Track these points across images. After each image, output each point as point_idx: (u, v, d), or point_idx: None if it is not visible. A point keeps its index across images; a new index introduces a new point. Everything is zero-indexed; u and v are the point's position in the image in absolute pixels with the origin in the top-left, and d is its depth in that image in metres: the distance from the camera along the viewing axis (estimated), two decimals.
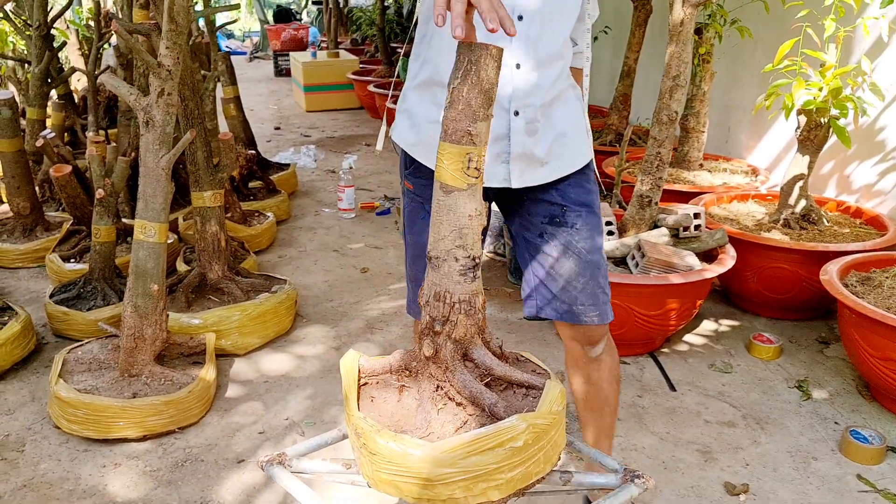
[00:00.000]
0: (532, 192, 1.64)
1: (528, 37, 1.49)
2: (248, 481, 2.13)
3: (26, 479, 2.12)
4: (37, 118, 4.27)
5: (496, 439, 0.98)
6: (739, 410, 2.49)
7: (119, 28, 2.26)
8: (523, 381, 1.09)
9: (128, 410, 2.24)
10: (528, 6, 1.48)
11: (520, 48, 1.49)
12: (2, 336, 2.56)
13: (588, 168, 1.68)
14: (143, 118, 2.29)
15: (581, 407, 1.83)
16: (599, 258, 1.65)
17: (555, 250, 1.63)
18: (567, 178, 1.63)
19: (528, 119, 1.53)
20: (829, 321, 3.09)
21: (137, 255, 2.35)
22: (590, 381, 1.77)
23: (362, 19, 10.42)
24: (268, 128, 6.98)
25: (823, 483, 2.14)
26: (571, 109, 1.63)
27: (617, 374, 1.79)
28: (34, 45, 4.16)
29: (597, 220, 1.66)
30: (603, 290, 1.66)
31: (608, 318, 1.67)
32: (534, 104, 1.52)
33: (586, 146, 1.68)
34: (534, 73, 1.51)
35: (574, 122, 1.64)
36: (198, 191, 2.89)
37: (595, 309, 1.65)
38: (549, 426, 1.02)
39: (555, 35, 1.52)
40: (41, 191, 4.00)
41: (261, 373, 2.72)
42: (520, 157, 1.56)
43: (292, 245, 4.01)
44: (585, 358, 1.74)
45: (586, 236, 1.63)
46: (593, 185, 1.69)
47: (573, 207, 1.63)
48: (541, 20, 1.48)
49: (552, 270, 1.64)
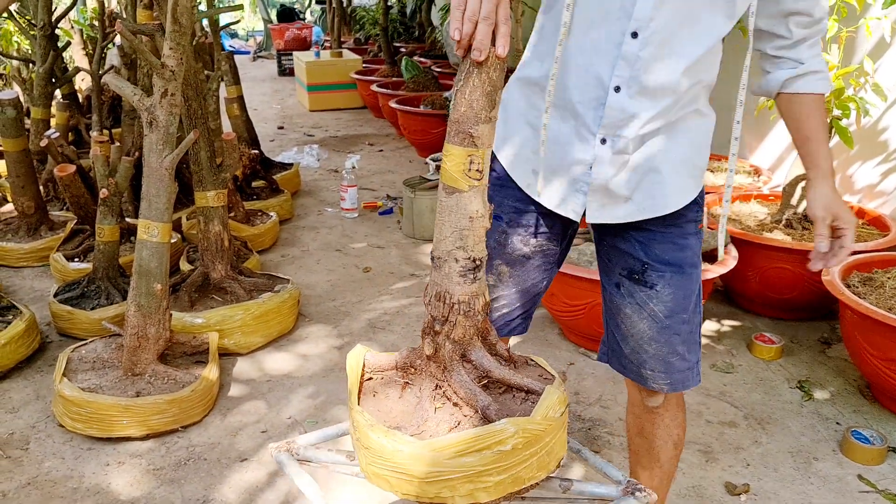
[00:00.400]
0: (612, 233, 1.46)
1: (639, 58, 1.26)
2: (251, 480, 2.14)
3: (30, 477, 2.13)
4: (41, 118, 4.28)
5: (483, 441, 0.98)
6: (741, 410, 2.50)
7: (123, 29, 2.27)
8: (523, 385, 1.09)
9: (131, 409, 2.25)
10: (648, 21, 1.24)
11: (624, 69, 1.28)
12: (6, 335, 2.58)
13: (687, 214, 1.43)
14: (147, 118, 2.30)
15: (632, 460, 1.72)
16: (681, 323, 1.45)
17: (628, 307, 1.46)
18: (654, 227, 1.42)
19: (616, 149, 1.33)
20: (831, 321, 3.10)
21: (141, 254, 2.36)
22: (642, 433, 1.63)
23: (365, 19, 10.43)
24: (271, 127, 6.99)
25: (824, 483, 2.14)
26: (682, 141, 1.37)
27: (677, 437, 1.61)
28: (38, 44, 4.17)
29: (686, 281, 1.43)
30: (682, 356, 1.47)
31: (684, 386, 1.50)
32: (626, 135, 1.32)
33: (689, 187, 1.41)
34: (634, 100, 1.29)
35: (679, 157, 1.38)
36: (201, 190, 2.90)
37: (666, 377, 1.48)
38: (543, 432, 1.01)
39: (677, 59, 1.27)
40: (45, 190, 4.01)
41: (263, 372, 2.73)
42: (600, 190, 1.38)
43: (295, 244, 4.02)
44: (642, 405, 1.60)
45: (667, 299, 1.43)
46: (691, 237, 1.44)
47: (656, 266, 1.42)
48: (660, 41, 1.26)
49: (623, 327, 1.49)
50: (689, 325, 1.47)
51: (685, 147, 1.38)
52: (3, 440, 2.29)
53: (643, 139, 1.34)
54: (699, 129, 1.40)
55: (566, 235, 1.53)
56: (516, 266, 1.50)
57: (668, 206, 1.39)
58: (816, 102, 1.43)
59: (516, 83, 1.46)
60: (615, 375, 2.68)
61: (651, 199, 1.38)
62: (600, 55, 1.29)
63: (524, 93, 1.43)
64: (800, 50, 1.40)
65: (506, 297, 1.53)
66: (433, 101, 5.78)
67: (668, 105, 1.31)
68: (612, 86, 1.29)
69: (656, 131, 1.34)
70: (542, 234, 1.48)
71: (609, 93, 1.29)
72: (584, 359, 2.81)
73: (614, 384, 2.64)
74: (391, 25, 8.11)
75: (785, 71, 1.42)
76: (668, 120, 1.33)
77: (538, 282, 1.54)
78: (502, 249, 1.49)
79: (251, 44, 13.79)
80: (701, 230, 1.48)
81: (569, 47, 1.32)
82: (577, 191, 1.39)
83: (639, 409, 1.62)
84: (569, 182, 1.39)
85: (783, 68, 1.43)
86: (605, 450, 2.28)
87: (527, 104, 1.42)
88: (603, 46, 1.28)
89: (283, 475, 2.16)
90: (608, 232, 1.47)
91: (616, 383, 2.64)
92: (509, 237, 1.48)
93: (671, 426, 1.60)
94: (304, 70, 7.79)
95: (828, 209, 1.43)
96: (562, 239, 1.52)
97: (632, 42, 1.26)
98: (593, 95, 1.31)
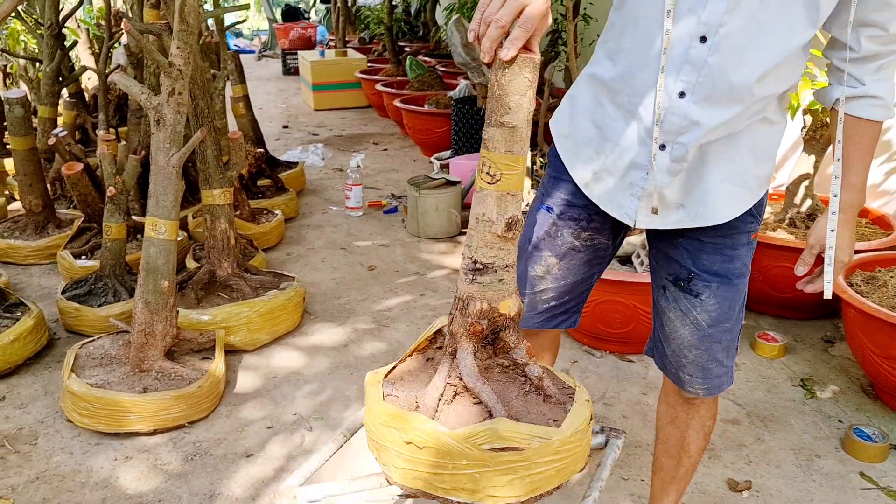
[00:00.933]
0: (662, 238, 1.46)
1: (707, 64, 1.22)
2: (257, 475, 2.16)
3: (39, 472, 2.16)
4: (48, 116, 4.31)
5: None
6: (744, 408, 2.51)
7: (131, 28, 2.30)
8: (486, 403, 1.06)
9: (138, 405, 2.27)
10: (718, 27, 1.19)
11: (690, 74, 1.23)
12: (15, 331, 2.60)
13: (739, 226, 1.39)
14: (154, 117, 2.32)
15: (659, 450, 1.71)
16: (723, 332, 1.45)
17: (672, 312, 1.46)
18: (705, 237, 1.39)
19: (674, 157, 1.30)
20: (834, 320, 3.10)
21: (148, 252, 2.38)
22: (675, 423, 1.64)
23: (370, 18, 10.44)
24: (276, 126, 7.01)
25: (826, 480, 2.15)
26: (743, 151, 1.33)
27: (709, 428, 1.63)
28: (46, 44, 4.20)
29: (733, 292, 1.41)
30: (721, 363, 1.48)
31: (719, 390, 1.52)
32: (686, 143, 1.28)
33: (744, 197, 1.36)
34: (698, 107, 1.25)
35: (738, 167, 1.33)
36: (207, 189, 2.92)
37: (703, 383, 1.50)
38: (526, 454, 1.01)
39: (749, 68, 1.21)
40: (52, 188, 4.04)
41: (269, 368, 2.75)
42: (652, 197, 1.35)
43: (300, 243, 4.04)
44: (677, 395, 1.60)
45: (711, 309, 1.42)
46: (742, 248, 1.41)
47: (702, 276, 1.41)
48: (731, 48, 1.20)
49: (666, 329, 1.50)
50: (732, 333, 1.47)
51: (745, 156, 1.33)
52: (12, 435, 2.32)
53: (703, 148, 1.29)
54: (764, 138, 1.34)
55: (618, 233, 1.52)
56: (565, 259, 1.50)
57: (718, 216, 1.35)
58: (864, 129, 1.34)
59: (585, 79, 1.43)
60: (619, 374, 2.70)
61: (703, 206, 1.35)
62: (668, 58, 1.25)
63: (593, 90, 1.40)
64: (865, 69, 1.30)
65: (553, 290, 1.53)
66: (437, 101, 5.80)
67: (735, 115, 1.25)
68: (676, 91, 1.25)
69: (717, 142, 1.29)
70: (593, 229, 1.48)
71: (672, 97, 1.25)
72: (588, 356, 2.83)
73: (618, 382, 2.65)
74: (396, 25, 8.12)
75: (843, 87, 1.33)
76: (732, 130, 1.28)
77: (587, 276, 1.54)
78: (552, 241, 1.49)
79: (256, 43, 13.83)
80: (754, 240, 1.44)
81: (636, 47, 1.29)
82: (631, 195, 1.37)
83: (673, 399, 1.62)
84: (624, 185, 1.37)
85: (842, 83, 1.33)
86: None
87: (594, 102, 1.40)
88: (671, 49, 1.24)
89: (289, 471, 2.18)
90: (658, 236, 1.46)
91: (619, 381, 2.66)
92: (560, 229, 1.48)
93: (706, 417, 1.61)
94: (309, 69, 7.81)
95: (818, 240, 1.43)
96: (614, 235, 1.51)
97: (700, 47, 1.21)
98: (657, 99, 1.27)
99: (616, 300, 2.68)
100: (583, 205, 1.46)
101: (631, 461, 2.22)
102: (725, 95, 1.23)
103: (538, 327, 1.60)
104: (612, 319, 2.73)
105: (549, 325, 1.59)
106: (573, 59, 4.13)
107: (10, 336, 2.58)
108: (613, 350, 2.85)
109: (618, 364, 2.77)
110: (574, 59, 4.13)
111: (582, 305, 1.62)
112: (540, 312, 1.56)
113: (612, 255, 1.57)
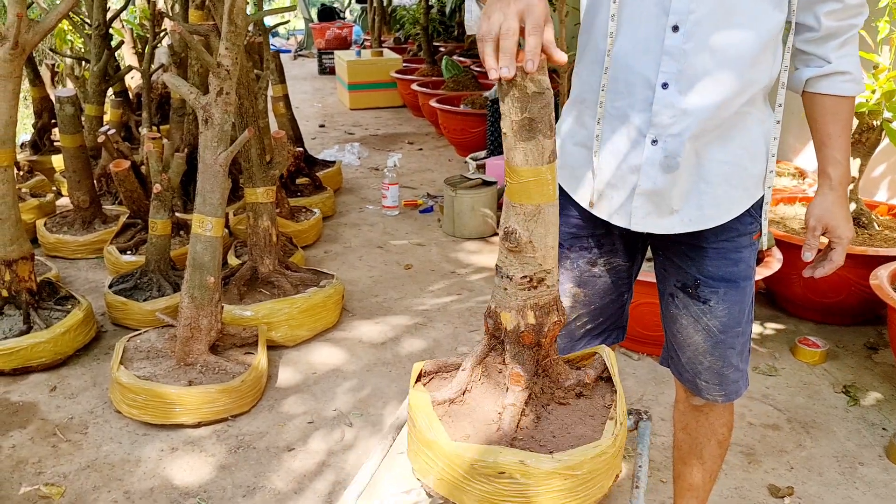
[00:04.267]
0: (665, 245, 1.44)
1: (684, 52, 1.23)
2: (299, 469, 2.20)
3: (89, 460, 2.22)
4: (95, 115, 4.43)
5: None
6: (784, 414, 2.48)
7: (182, 30, 2.35)
8: None
9: (184, 397, 2.33)
10: (688, 14, 1.22)
11: (670, 64, 1.25)
12: (66, 323, 2.68)
13: (738, 228, 1.38)
14: (203, 116, 2.38)
15: (675, 456, 1.72)
16: (735, 337, 1.44)
17: (684, 319, 1.46)
18: (706, 243, 1.38)
19: (667, 151, 1.29)
20: (879, 327, 3.05)
21: (195, 248, 2.44)
22: (687, 429, 1.65)
23: (405, 18, 10.50)
24: (313, 125, 7.09)
25: (870, 488, 2.13)
26: (735, 149, 1.32)
27: (721, 436, 1.61)
28: (93, 44, 4.31)
29: (740, 295, 1.41)
30: (736, 367, 1.47)
31: (737, 395, 1.51)
32: (678, 134, 1.27)
33: (740, 198, 1.35)
34: (683, 96, 1.25)
35: (731, 167, 1.32)
36: (251, 187, 2.98)
37: (721, 389, 1.49)
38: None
39: (724, 52, 1.23)
40: (99, 185, 4.14)
41: (309, 364, 2.79)
42: (647, 196, 1.33)
43: (337, 241, 4.09)
44: (687, 402, 1.61)
45: (721, 314, 1.41)
46: (745, 250, 1.40)
47: (708, 282, 1.40)
48: (704, 33, 1.22)
49: (679, 337, 1.49)
50: (744, 337, 1.46)
51: (738, 155, 1.32)
52: (63, 424, 2.39)
53: (694, 144, 1.29)
54: (754, 135, 1.33)
55: (633, 251, 1.51)
56: (587, 285, 1.51)
57: (715, 218, 1.35)
58: (839, 106, 1.36)
59: (567, 108, 1.45)
60: (656, 376, 2.69)
61: (698, 209, 1.34)
62: (645, 54, 1.27)
63: (574, 114, 1.43)
64: (828, 47, 1.33)
65: (586, 315, 1.54)
66: (473, 101, 5.81)
67: (723, 101, 1.25)
68: (659, 83, 1.26)
69: (708, 137, 1.29)
70: (607, 253, 1.49)
71: (657, 90, 1.26)
72: (626, 359, 2.82)
73: (655, 385, 2.64)
74: (431, 25, 8.15)
75: (810, 69, 1.36)
76: (720, 121, 1.28)
77: (615, 297, 1.54)
78: (570, 273, 1.51)
79: (292, 42, 13.98)
80: (756, 241, 1.43)
81: (614, 55, 1.31)
82: (629, 198, 1.36)
83: (684, 406, 1.63)
84: (623, 191, 1.36)
85: (809, 66, 1.36)
86: None
87: (576, 124, 1.42)
88: (646, 45, 1.26)
89: (330, 466, 2.22)
90: (663, 243, 1.45)
91: (657, 384, 2.65)
92: (573, 262, 1.50)
93: (716, 424, 1.60)
94: (346, 69, 7.88)
95: (820, 220, 1.41)
96: (629, 255, 1.51)
97: (673, 36, 1.23)
98: (642, 97, 1.28)
99: (653, 302, 2.63)
100: (588, 234, 1.47)
101: (669, 464, 2.22)
102: (707, 82, 1.24)
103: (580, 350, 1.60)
104: (649, 322, 2.72)
105: (592, 345, 1.59)
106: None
107: (62, 328, 2.66)
108: (651, 352, 2.84)
109: (655, 366, 2.76)
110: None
111: (622, 322, 1.61)
112: (578, 339, 1.58)
113: (636, 273, 1.56)
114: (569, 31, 5.07)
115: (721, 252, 1.39)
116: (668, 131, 1.28)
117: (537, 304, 1.08)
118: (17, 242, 2.70)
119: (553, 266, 1.09)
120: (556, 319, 1.10)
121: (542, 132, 0.99)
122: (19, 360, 2.60)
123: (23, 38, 2.50)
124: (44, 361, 2.64)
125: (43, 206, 4.03)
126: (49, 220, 3.83)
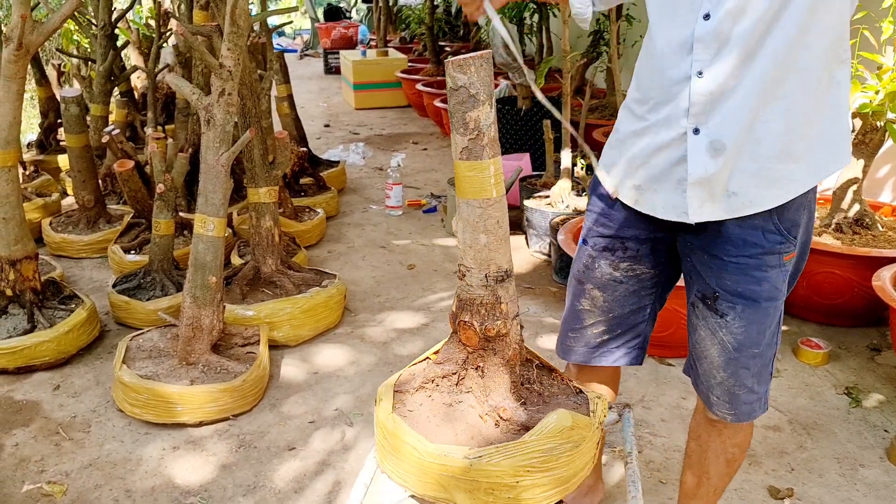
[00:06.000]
0: (693, 252, 1.42)
1: (718, 36, 1.22)
2: (300, 468, 2.21)
3: (92, 459, 2.24)
4: (100, 115, 4.45)
5: None
6: (785, 415, 2.48)
7: (184, 30, 2.36)
8: None
9: (186, 397, 2.34)
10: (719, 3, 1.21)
11: (702, 52, 1.24)
12: (70, 322, 2.70)
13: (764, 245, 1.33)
14: (205, 117, 2.39)
15: (684, 463, 1.71)
16: (750, 358, 1.41)
17: (702, 330, 1.45)
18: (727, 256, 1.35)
19: (711, 138, 1.27)
20: (881, 328, 3.04)
21: (197, 248, 2.45)
22: (699, 440, 1.62)
23: (411, 18, 10.49)
24: (317, 125, 7.10)
25: (871, 490, 2.12)
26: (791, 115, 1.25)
27: (731, 455, 1.58)
28: (99, 44, 4.33)
29: (761, 316, 1.37)
30: (750, 389, 1.44)
31: (749, 418, 1.49)
32: (718, 121, 1.26)
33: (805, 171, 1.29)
34: (718, 81, 1.24)
35: (792, 133, 1.26)
36: (253, 187, 2.99)
37: (731, 408, 1.47)
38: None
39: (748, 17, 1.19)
40: (103, 185, 4.16)
41: (311, 364, 2.80)
42: (700, 184, 1.30)
43: (341, 241, 4.10)
44: (702, 414, 1.59)
45: (737, 332, 1.38)
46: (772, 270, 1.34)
47: (726, 296, 1.38)
48: (730, 10, 1.20)
49: (698, 347, 1.48)
50: (762, 359, 1.43)
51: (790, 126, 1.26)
52: (66, 423, 2.41)
53: (742, 122, 1.25)
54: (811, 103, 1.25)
55: (657, 260, 1.50)
56: (607, 290, 1.51)
57: (776, 197, 1.29)
58: None
59: (623, 108, 1.48)
60: (658, 377, 2.69)
61: (756, 188, 1.29)
62: (680, 48, 1.29)
63: (627, 114, 1.46)
64: None
65: (603, 323, 1.54)
66: None
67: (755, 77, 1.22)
68: (694, 72, 1.26)
69: (753, 114, 1.24)
70: (630, 258, 1.49)
71: (693, 79, 1.26)
72: None
73: (657, 386, 2.64)
74: (436, 24, 8.15)
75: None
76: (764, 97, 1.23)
77: (637, 308, 1.54)
78: (591, 273, 1.51)
79: (298, 42, 14.00)
80: (787, 262, 1.36)
81: (654, 57, 1.34)
82: (681, 191, 1.33)
83: (700, 416, 1.62)
84: (673, 185, 1.35)
85: None
86: (646, 450, 2.29)
87: (631, 119, 1.44)
88: (680, 40, 1.28)
89: (330, 465, 2.22)
90: (690, 249, 1.43)
91: (658, 385, 2.65)
92: (596, 261, 1.50)
93: (728, 443, 1.57)
94: (351, 69, 7.89)
95: None
96: (653, 263, 1.50)
97: (704, 24, 1.23)
98: (680, 89, 1.29)
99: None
100: (614, 235, 1.48)
101: (669, 465, 2.22)
102: (737, 57, 1.22)
103: (596, 362, 1.60)
104: None
105: (605, 359, 1.58)
106: (615, 60, 4.11)
107: (65, 327, 2.68)
108: (653, 353, 2.83)
109: (657, 367, 2.76)
110: (616, 59, 4.11)
111: (643, 342, 1.60)
112: (594, 347, 1.57)
113: (667, 284, 1.55)
114: (572, 31, 5.07)
115: (742, 268, 1.35)
116: (708, 118, 1.27)
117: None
118: (22, 242, 2.72)
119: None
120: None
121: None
122: (23, 359, 2.62)
123: (27, 39, 2.52)
124: (47, 360, 2.66)
125: (48, 205, 4.06)
126: (54, 219, 3.85)
